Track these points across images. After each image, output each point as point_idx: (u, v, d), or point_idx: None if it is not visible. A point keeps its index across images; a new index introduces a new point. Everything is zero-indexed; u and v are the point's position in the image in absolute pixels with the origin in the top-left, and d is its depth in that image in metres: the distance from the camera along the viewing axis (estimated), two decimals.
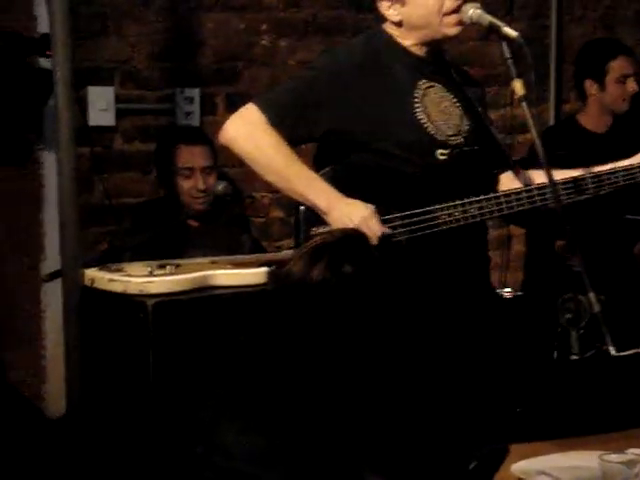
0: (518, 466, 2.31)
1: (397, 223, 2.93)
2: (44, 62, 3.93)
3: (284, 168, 2.93)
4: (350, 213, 2.86)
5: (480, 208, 2.94)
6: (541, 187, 2.96)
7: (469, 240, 3.00)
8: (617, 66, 4.58)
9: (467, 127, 3.02)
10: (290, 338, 1.86)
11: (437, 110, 2.98)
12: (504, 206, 2.96)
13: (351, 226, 2.81)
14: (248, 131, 2.95)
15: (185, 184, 4.18)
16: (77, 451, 3.37)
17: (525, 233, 4.82)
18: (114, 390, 3.37)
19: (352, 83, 2.93)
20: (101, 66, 4.45)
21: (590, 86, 4.59)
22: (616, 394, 2.96)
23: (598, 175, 3.03)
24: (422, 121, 2.95)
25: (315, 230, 2.97)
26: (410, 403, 1.77)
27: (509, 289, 4.03)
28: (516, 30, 2.91)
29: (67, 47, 3.32)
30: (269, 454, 1.79)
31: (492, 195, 2.97)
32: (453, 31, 2.98)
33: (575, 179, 3.02)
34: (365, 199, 2.91)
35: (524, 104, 2.84)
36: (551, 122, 5.17)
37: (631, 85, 4.60)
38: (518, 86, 2.84)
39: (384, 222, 2.91)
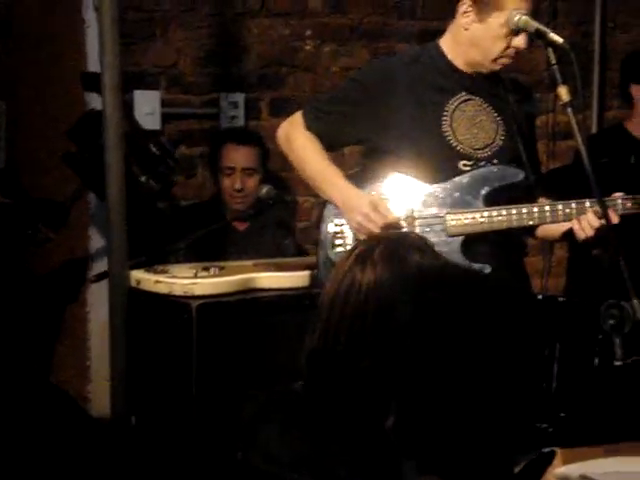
0: (561, 470, 2.31)
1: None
2: None
3: (309, 166, 3.14)
4: (359, 204, 3.01)
5: (490, 217, 3.04)
6: (552, 205, 3.06)
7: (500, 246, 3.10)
8: None
9: (501, 142, 3.12)
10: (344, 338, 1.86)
11: (469, 123, 3.09)
12: (514, 218, 3.04)
13: (361, 214, 2.98)
14: (287, 133, 3.20)
15: (225, 183, 4.27)
16: (121, 451, 3.41)
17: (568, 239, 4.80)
18: (158, 391, 3.40)
19: (382, 95, 3.07)
20: (147, 70, 4.49)
21: (636, 91, 4.55)
22: None
23: (582, 202, 3.06)
24: (446, 134, 3.07)
25: (332, 221, 3.11)
26: (461, 403, 1.78)
27: (550, 294, 4.03)
28: (560, 36, 2.91)
29: (115, 52, 3.36)
30: (310, 459, 1.79)
31: (503, 207, 3.05)
32: (498, 68, 3.08)
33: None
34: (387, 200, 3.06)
35: (569, 110, 2.84)
36: (594, 129, 5.15)
37: None
38: (563, 92, 2.84)
39: None
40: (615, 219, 2.96)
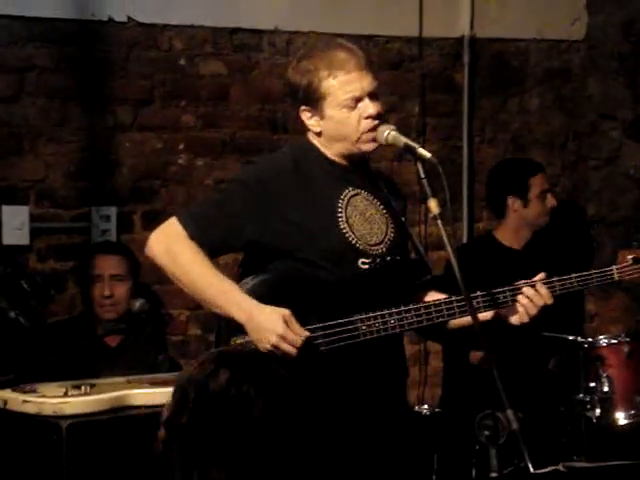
0: None
1: (318, 334, 2.90)
2: None
3: (200, 281, 2.92)
4: (269, 322, 2.82)
5: (400, 319, 2.94)
6: (460, 299, 2.95)
7: (386, 352, 2.97)
8: (537, 182, 4.70)
9: (392, 235, 3.03)
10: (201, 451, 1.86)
11: (362, 218, 2.99)
12: (424, 318, 2.95)
13: (276, 335, 2.79)
14: (167, 245, 2.95)
15: (94, 291, 4.22)
16: None
17: (442, 349, 4.84)
18: None
19: (272, 194, 2.95)
20: (16, 185, 4.43)
21: (513, 203, 4.67)
22: None
23: (517, 287, 3.06)
24: (343, 230, 2.96)
25: (234, 340, 2.93)
26: None
27: (426, 406, 4.04)
28: (429, 151, 2.96)
29: None
30: None
31: (412, 306, 2.96)
32: (370, 147, 3.01)
33: (493, 292, 3.04)
34: (286, 308, 2.86)
35: (439, 222, 2.88)
36: (464, 240, 5.24)
37: (550, 200, 4.73)
38: (433, 205, 2.88)
39: None
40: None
